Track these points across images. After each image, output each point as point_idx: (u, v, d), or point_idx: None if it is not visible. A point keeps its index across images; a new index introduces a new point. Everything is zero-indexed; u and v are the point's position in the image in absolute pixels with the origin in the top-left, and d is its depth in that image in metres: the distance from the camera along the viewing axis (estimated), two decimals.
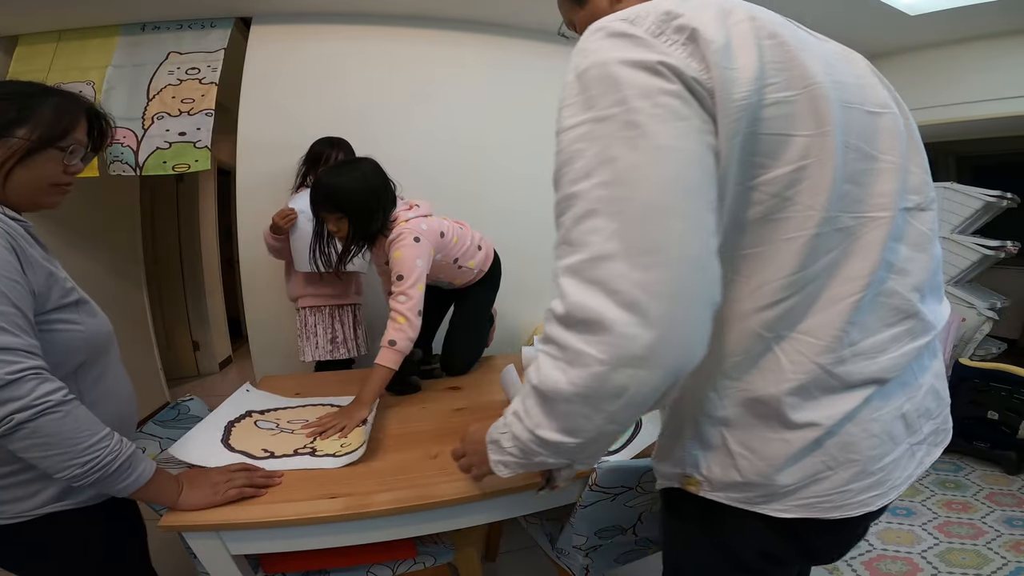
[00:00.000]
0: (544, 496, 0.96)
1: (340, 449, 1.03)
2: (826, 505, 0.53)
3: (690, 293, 0.44)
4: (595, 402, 0.47)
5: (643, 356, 0.43)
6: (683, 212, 0.44)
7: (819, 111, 0.49)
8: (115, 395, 0.90)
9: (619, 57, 0.46)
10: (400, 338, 1.26)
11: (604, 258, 0.44)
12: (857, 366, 0.53)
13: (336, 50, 2.18)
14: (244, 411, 1.21)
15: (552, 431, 0.52)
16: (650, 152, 0.44)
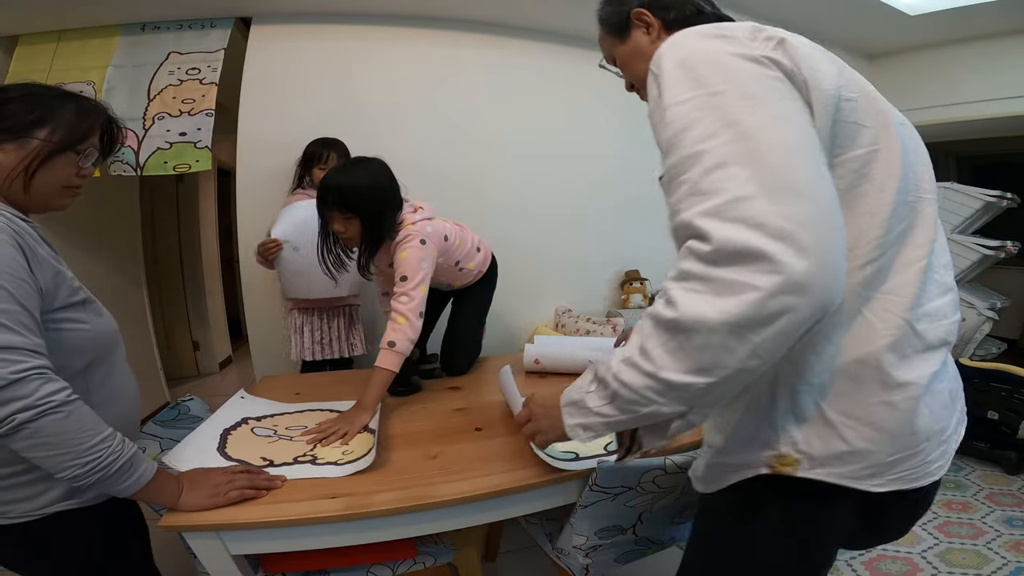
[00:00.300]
0: (546, 495, 0.96)
1: (342, 457, 1.00)
2: (913, 476, 0.58)
3: (833, 223, 0.48)
4: (744, 331, 0.47)
5: (802, 283, 0.45)
6: (811, 159, 0.50)
7: (880, 110, 0.60)
8: (121, 395, 0.90)
9: (725, 49, 0.55)
10: (399, 339, 1.24)
11: (744, 199, 0.47)
12: (931, 326, 0.59)
13: (336, 50, 2.18)
14: (240, 418, 1.18)
15: (681, 372, 0.51)
16: (769, 119, 0.51)
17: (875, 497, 0.57)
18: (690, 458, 0.93)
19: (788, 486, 0.59)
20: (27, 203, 0.80)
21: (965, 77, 2.64)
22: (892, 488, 0.57)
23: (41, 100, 0.79)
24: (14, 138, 0.76)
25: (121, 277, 2.79)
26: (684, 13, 0.79)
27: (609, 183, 2.66)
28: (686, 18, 0.79)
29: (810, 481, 0.57)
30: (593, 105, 2.57)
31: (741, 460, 0.62)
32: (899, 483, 0.57)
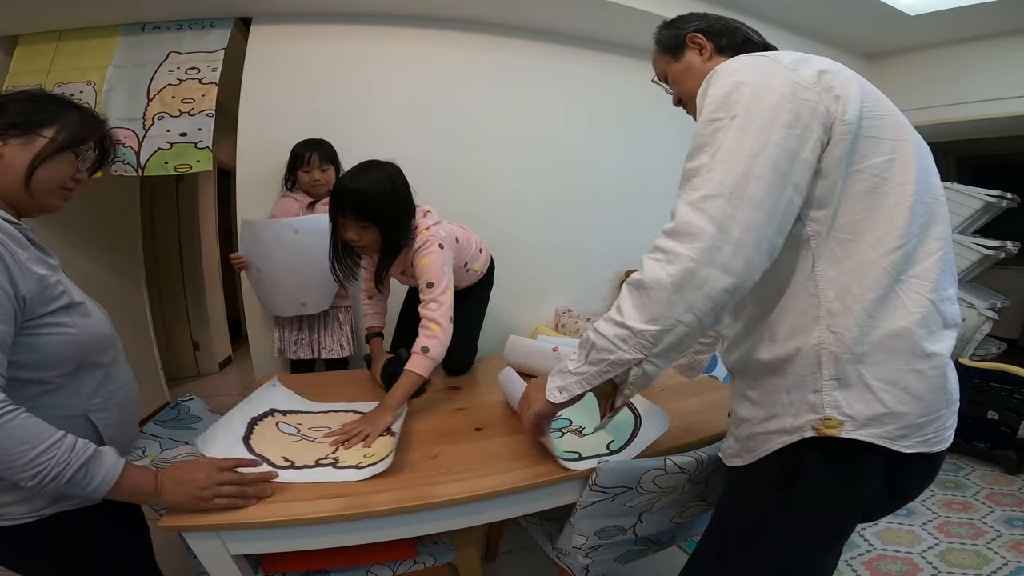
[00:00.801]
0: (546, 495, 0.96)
1: (363, 460, 0.99)
2: (935, 439, 0.68)
3: (761, 235, 0.65)
4: (683, 291, 0.66)
5: (723, 262, 0.64)
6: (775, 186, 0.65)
7: (899, 124, 0.71)
8: (120, 398, 0.90)
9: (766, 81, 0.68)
10: (433, 345, 1.24)
11: (711, 196, 0.65)
12: (950, 308, 0.70)
13: (336, 50, 2.18)
14: (268, 408, 1.18)
15: (640, 321, 0.69)
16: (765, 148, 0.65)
17: (902, 458, 0.66)
18: (690, 458, 0.93)
19: (832, 447, 0.67)
20: (24, 202, 0.81)
21: (965, 77, 2.64)
22: (917, 450, 0.66)
23: (50, 102, 0.83)
24: (22, 134, 0.78)
25: (121, 277, 2.79)
26: (735, 40, 0.91)
27: (609, 183, 2.66)
28: (736, 45, 0.90)
29: (850, 442, 0.66)
30: (593, 105, 2.57)
31: (786, 426, 0.70)
32: (923, 446, 0.66)
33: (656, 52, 1.00)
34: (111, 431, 0.86)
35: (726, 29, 0.92)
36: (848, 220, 0.68)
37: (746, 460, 0.76)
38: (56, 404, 0.79)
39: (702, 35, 0.92)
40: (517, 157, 2.45)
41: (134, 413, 0.96)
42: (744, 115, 0.66)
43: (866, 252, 0.67)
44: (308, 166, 1.87)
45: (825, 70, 0.69)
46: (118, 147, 1.94)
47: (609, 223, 2.69)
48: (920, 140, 0.74)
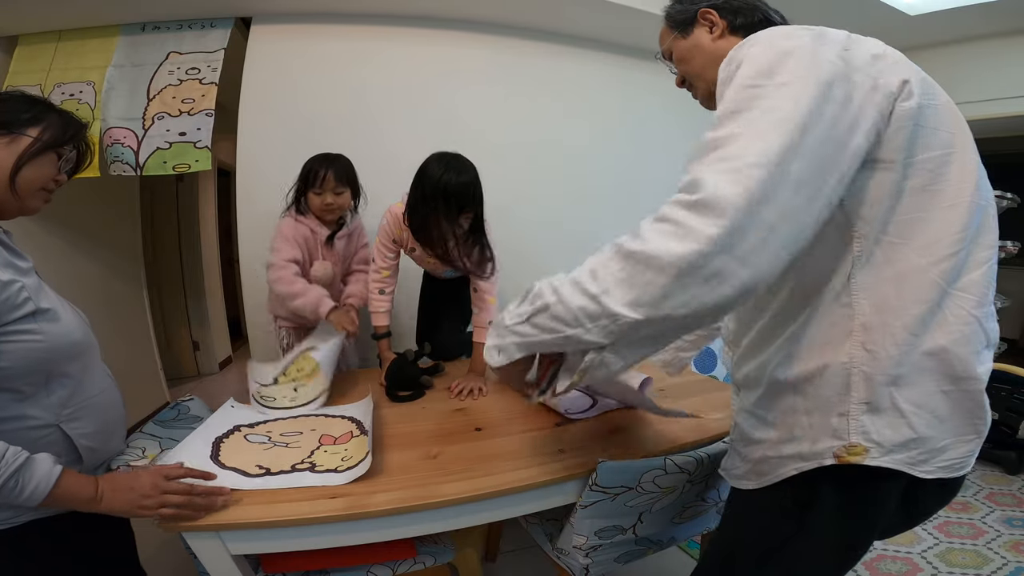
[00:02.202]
0: (546, 495, 0.96)
1: (341, 464, 0.98)
2: (957, 465, 0.62)
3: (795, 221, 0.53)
4: (686, 280, 0.52)
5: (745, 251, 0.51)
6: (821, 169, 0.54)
7: (958, 117, 0.62)
8: (99, 404, 0.89)
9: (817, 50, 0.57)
10: (495, 316, 1.31)
11: (756, 166, 0.51)
12: (993, 325, 0.63)
13: (336, 50, 2.18)
14: (231, 426, 1.16)
15: (621, 302, 0.55)
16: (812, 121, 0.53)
17: (921, 482, 0.61)
18: (690, 458, 0.93)
19: (850, 474, 0.61)
20: (6, 202, 0.81)
21: (965, 77, 2.64)
22: (936, 476, 0.60)
23: (34, 103, 0.83)
24: (7, 133, 0.79)
25: (121, 277, 2.79)
26: (751, 19, 0.81)
27: (609, 182, 2.66)
28: (752, 24, 0.80)
29: (871, 468, 0.60)
30: (593, 105, 2.57)
31: (804, 451, 0.63)
32: (942, 472, 0.61)
33: (664, 27, 0.92)
34: (88, 440, 0.85)
35: (743, 7, 0.82)
36: (900, 220, 0.59)
37: (757, 484, 0.70)
38: (26, 414, 0.78)
39: (715, 11, 0.82)
40: (517, 156, 2.45)
41: (116, 419, 0.95)
42: (795, 84, 0.54)
43: (912, 259, 0.59)
44: (321, 187, 1.58)
45: (882, 52, 0.60)
46: (117, 147, 1.95)
47: (609, 222, 2.68)
48: (972, 139, 0.66)
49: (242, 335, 4.44)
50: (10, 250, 0.81)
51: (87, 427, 0.86)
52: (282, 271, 1.54)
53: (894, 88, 0.57)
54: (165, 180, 3.36)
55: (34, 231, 2.10)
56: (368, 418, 1.14)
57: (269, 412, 1.27)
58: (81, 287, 2.38)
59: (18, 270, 0.79)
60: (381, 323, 1.62)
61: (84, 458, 0.85)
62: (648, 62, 2.67)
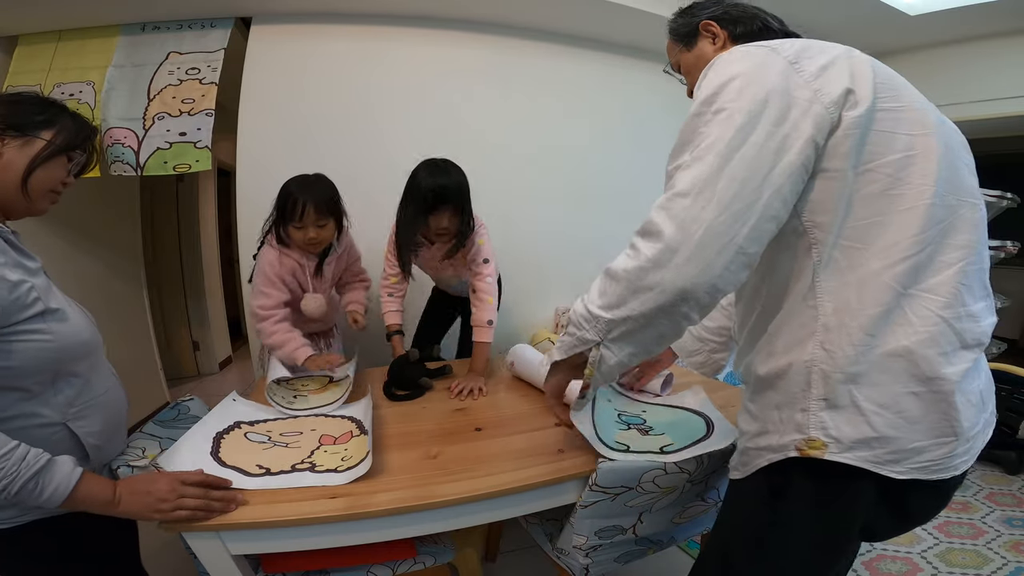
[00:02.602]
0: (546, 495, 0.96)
1: (341, 464, 0.98)
2: (935, 468, 0.62)
3: (722, 239, 0.60)
4: (635, 287, 0.65)
5: (678, 264, 0.61)
6: (748, 192, 0.60)
7: (918, 119, 0.64)
8: (104, 404, 0.89)
9: (757, 78, 0.62)
10: (495, 317, 1.47)
11: (681, 194, 0.62)
12: (970, 325, 0.63)
13: (336, 50, 2.18)
14: (232, 422, 1.16)
15: (598, 305, 0.70)
16: (745, 148, 0.61)
17: (897, 484, 0.62)
18: (690, 458, 0.93)
19: (818, 468, 0.64)
20: (15, 203, 0.81)
21: (965, 77, 2.64)
22: (913, 476, 0.61)
23: (49, 105, 0.84)
24: (20, 135, 0.79)
25: (121, 277, 2.79)
26: (751, 28, 0.86)
27: (609, 182, 2.66)
28: (752, 32, 0.85)
29: (837, 464, 0.62)
30: (593, 105, 2.57)
31: (773, 443, 0.68)
32: (920, 472, 0.61)
33: (669, 41, 0.96)
34: (93, 439, 0.86)
35: (743, 16, 0.86)
36: (856, 226, 0.63)
37: (742, 473, 0.74)
38: (34, 413, 0.78)
39: (716, 22, 0.87)
40: (517, 156, 2.45)
41: (120, 419, 0.95)
42: (728, 110, 0.61)
43: (871, 263, 0.62)
44: (301, 221, 1.39)
45: (832, 61, 0.63)
46: (117, 147, 1.95)
47: (609, 223, 2.69)
48: (952, 135, 0.68)
49: (242, 335, 4.44)
50: (19, 251, 0.81)
51: (93, 425, 0.86)
52: (263, 322, 1.45)
53: (836, 98, 0.61)
54: (165, 180, 3.36)
55: (35, 231, 2.10)
56: (368, 418, 1.14)
57: (269, 410, 1.27)
58: (81, 287, 2.38)
59: (27, 270, 0.79)
60: (392, 321, 1.63)
61: (91, 456, 0.85)
62: (648, 62, 2.68)
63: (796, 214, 0.65)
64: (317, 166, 2.12)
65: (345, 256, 1.65)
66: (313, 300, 1.52)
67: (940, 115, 0.68)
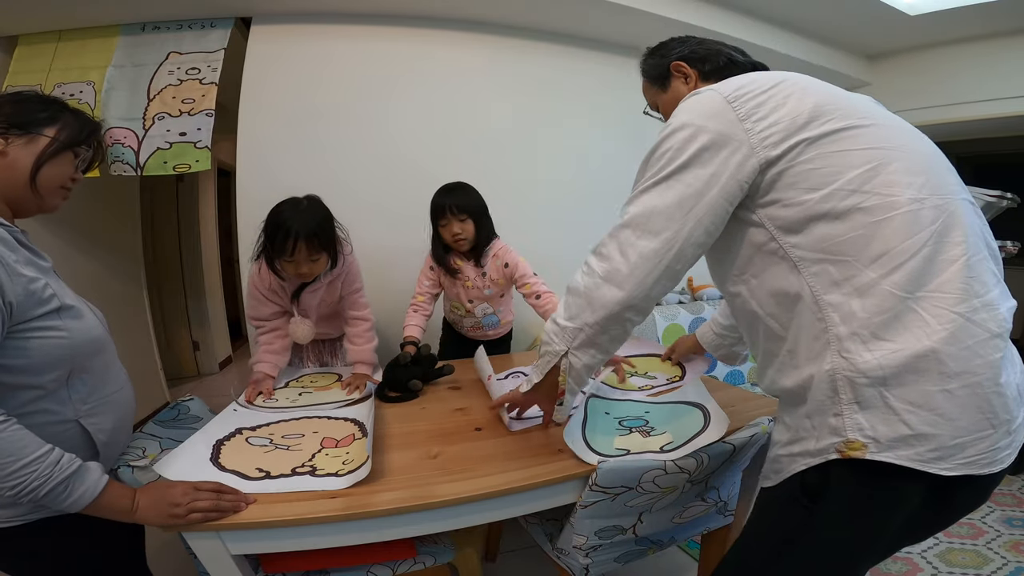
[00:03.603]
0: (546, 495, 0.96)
1: (342, 467, 0.97)
2: (983, 462, 0.62)
3: (655, 264, 0.76)
4: (590, 299, 0.81)
5: (619, 280, 0.78)
6: (676, 221, 0.74)
7: (885, 133, 0.69)
8: (115, 402, 0.90)
9: (691, 130, 0.73)
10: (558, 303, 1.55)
11: (623, 226, 0.79)
12: (989, 315, 0.64)
13: (336, 50, 2.18)
14: (234, 428, 1.15)
15: (563, 318, 0.86)
16: (679, 188, 0.74)
17: (945, 481, 0.61)
18: (690, 458, 0.93)
19: (861, 469, 0.64)
20: (25, 201, 0.82)
21: (965, 77, 2.64)
22: (961, 472, 0.61)
23: (50, 103, 0.85)
24: (24, 133, 0.80)
25: (121, 277, 2.79)
26: (717, 64, 0.91)
27: (609, 183, 2.65)
28: (719, 68, 0.91)
29: (880, 464, 0.62)
30: (593, 106, 2.57)
31: (810, 448, 0.68)
32: (968, 468, 0.61)
33: (644, 82, 1.02)
34: (105, 436, 0.86)
35: (709, 54, 0.93)
36: (838, 241, 0.66)
37: (774, 481, 0.75)
38: (48, 410, 0.78)
39: (685, 63, 0.93)
40: (516, 157, 2.46)
41: (129, 417, 0.96)
42: (668, 156, 0.74)
43: (867, 274, 0.64)
44: (292, 255, 1.31)
45: (770, 96, 0.70)
46: (117, 147, 1.95)
47: (609, 223, 2.68)
48: (917, 139, 0.72)
49: (242, 335, 4.44)
50: (30, 250, 0.82)
51: (105, 423, 0.87)
52: (257, 332, 1.52)
53: (771, 133, 0.68)
54: (165, 180, 3.37)
55: (35, 231, 2.10)
56: (370, 419, 1.14)
57: (271, 414, 1.27)
58: (81, 287, 2.37)
59: (40, 268, 0.80)
60: (409, 333, 1.67)
61: (101, 453, 0.86)
62: None
63: (772, 238, 0.71)
64: (317, 166, 2.13)
65: (339, 284, 1.52)
66: (299, 326, 1.47)
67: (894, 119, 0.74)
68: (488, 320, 1.80)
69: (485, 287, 1.70)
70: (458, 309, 1.79)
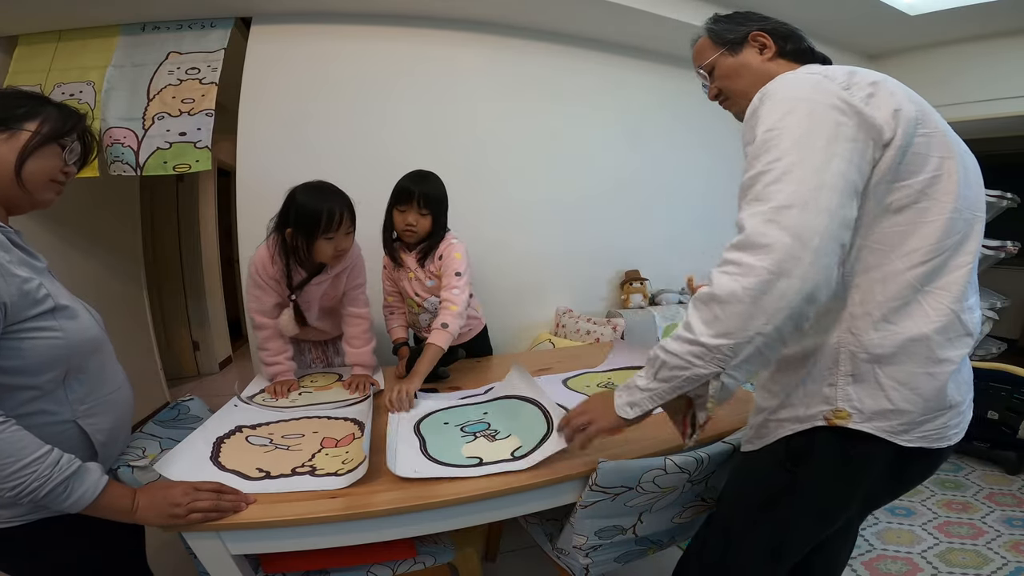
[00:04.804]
0: (546, 495, 0.96)
1: (342, 467, 0.97)
2: (935, 437, 0.72)
3: (832, 239, 0.65)
4: (761, 302, 0.65)
5: (802, 271, 0.64)
6: (839, 194, 0.66)
7: (948, 142, 0.73)
8: (113, 402, 0.90)
9: (820, 99, 0.69)
10: (452, 322, 1.42)
11: (784, 207, 0.65)
12: (971, 317, 0.73)
13: (336, 50, 2.18)
14: (234, 426, 1.15)
15: (713, 336, 0.68)
16: (824, 159, 0.66)
17: (904, 452, 0.71)
18: (690, 458, 0.93)
19: (842, 436, 0.73)
20: (15, 197, 0.81)
21: (965, 77, 2.64)
22: (918, 444, 0.71)
23: (29, 98, 0.83)
24: (5, 129, 0.79)
25: (121, 277, 2.79)
26: (800, 47, 0.91)
27: (609, 183, 2.66)
28: (799, 51, 0.91)
29: (857, 432, 0.72)
30: (593, 106, 2.57)
31: (799, 415, 0.76)
32: (924, 441, 0.71)
33: (706, 41, 0.97)
34: (103, 436, 0.86)
35: (793, 34, 0.92)
36: (884, 233, 0.71)
37: (756, 446, 0.82)
38: (45, 411, 0.78)
39: (768, 35, 0.91)
40: (516, 157, 2.45)
41: (127, 417, 0.96)
42: (807, 130, 0.67)
43: (895, 264, 0.71)
44: (336, 231, 1.35)
45: (876, 84, 0.71)
46: (117, 147, 1.95)
47: (608, 223, 2.69)
48: (967, 154, 0.76)
49: (242, 335, 4.44)
50: (24, 250, 0.81)
51: (103, 423, 0.86)
52: (257, 330, 1.48)
53: (886, 120, 0.68)
54: (165, 180, 3.36)
55: (35, 231, 2.11)
56: (368, 418, 1.13)
57: (272, 412, 1.27)
58: (81, 287, 2.37)
59: (34, 269, 0.80)
60: (397, 336, 1.69)
61: (99, 453, 0.86)
62: (647, 62, 2.68)
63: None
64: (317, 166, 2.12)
65: (344, 277, 1.51)
66: (288, 319, 1.46)
67: (953, 131, 0.76)
68: None
69: (427, 278, 1.61)
70: (412, 306, 1.70)
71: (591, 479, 0.91)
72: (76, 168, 0.89)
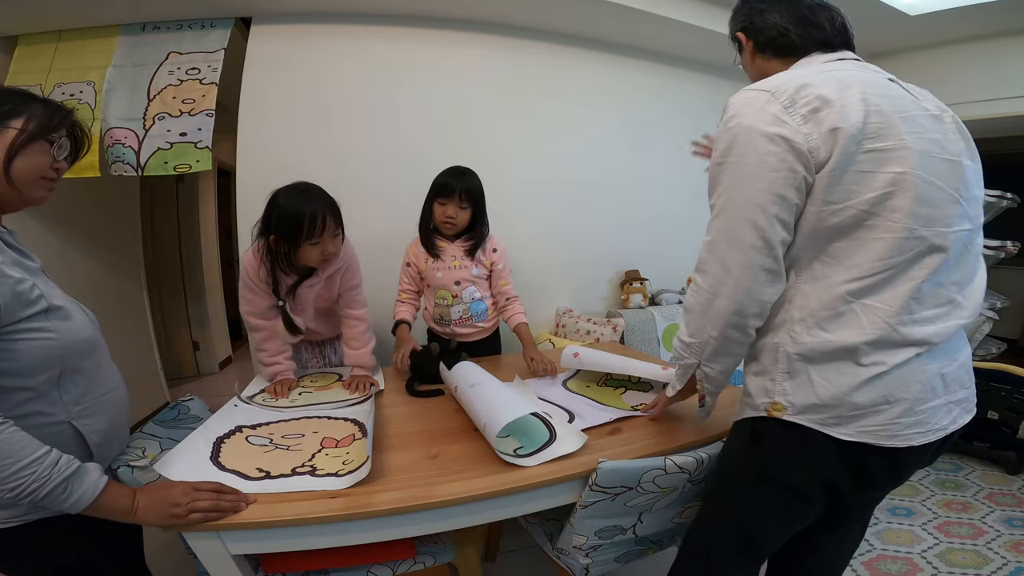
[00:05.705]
0: (546, 495, 0.96)
1: (342, 467, 0.97)
2: (882, 434, 0.74)
3: (755, 267, 0.77)
4: (705, 314, 0.84)
5: (728, 292, 0.80)
6: (764, 220, 0.75)
7: (906, 156, 0.72)
8: (108, 403, 0.89)
9: (756, 127, 0.75)
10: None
11: (714, 242, 0.81)
12: (914, 329, 0.74)
13: (336, 50, 2.18)
14: (234, 426, 1.15)
15: (686, 335, 0.91)
16: (751, 189, 0.76)
17: (852, 446, 0.74)
18: (690, 458, 0.93)
19: (786, 426, 0.79)
20: (6, 195, 0.80)
21: (965, 77, 2.64)
22: (860, 440, 0.74)
23: (12, 95, 0.82)
24: None
25: (121, 277, 2.79)
26: (771, 36, 0.91)
27: (609, 183, 2.66)
28: (771, 40, 0.91)
29: (794, 424, 0.78)
30: (593, 106, 2.57)
31: (755, 402, 0.84)
32: (870, 437, 0.74)
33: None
34: (98, 436, 0.86)
35: (763, 26, 0.91)
36: (835, 247, 0.76)
37: (736, 418, 0.91)
38: (40, 412, 0.78)
39: (744, 33, 0.95)
40: (516, 157, 2.45)
41: (124, 418, 0.95)
42: (737, 162, 0.77)
43: (836, 276, 0.76)
44: (321, 235, 1.29)
45: (824, 99, 0.72)
46: (118, 147, 1.95)
47: (608, 224, 2.69)
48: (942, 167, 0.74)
49: (242, 335, 4.44)
50: (17, 250, 0.81)
51: (98, 424, 0.86)
52: (254, 332, 1.46)
53: (817, 144, 0.71)
54: (165, 180, 3.37)
55: (35, 231, 2.11)
56: (370, 419, 1.13)
57: (272, 412, 1.27)
58: (81, 287, 2.38)
59: (27, 269, 0.79)
60: (401, 316, 1.68)
61: (95, 454, 0.85)
62: (647, 62, 2.68)
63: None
64: (317, 166, 2.13)
65: (338, 279, 1.48)
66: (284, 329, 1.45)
67: (932, 143, 0.75)
68: (476, 307, 1.72)
69: (475, 266, 1.67)
70: (445, 298, 1.70)
71: (591, 479, 0.91)
72: (67, 164, 0.88)
